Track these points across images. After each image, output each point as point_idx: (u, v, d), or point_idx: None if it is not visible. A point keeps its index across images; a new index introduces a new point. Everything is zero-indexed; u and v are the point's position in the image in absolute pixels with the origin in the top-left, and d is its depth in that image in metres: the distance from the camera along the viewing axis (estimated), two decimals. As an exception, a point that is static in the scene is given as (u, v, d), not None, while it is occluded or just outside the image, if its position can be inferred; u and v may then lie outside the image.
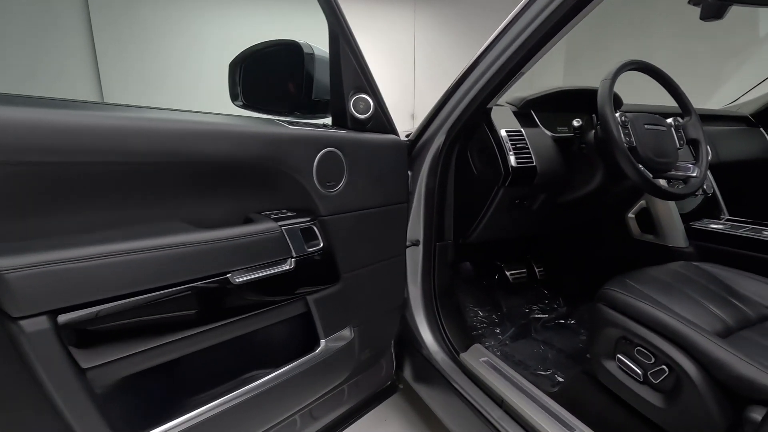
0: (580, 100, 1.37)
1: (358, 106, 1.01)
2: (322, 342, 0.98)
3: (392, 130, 1.13)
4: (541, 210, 1.35)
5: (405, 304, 1.32)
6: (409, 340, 1.32)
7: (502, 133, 1.20)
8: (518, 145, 1.19)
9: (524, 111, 1.29)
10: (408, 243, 1.32)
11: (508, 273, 1.69)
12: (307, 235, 0.91)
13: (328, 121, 1.07)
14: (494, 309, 1.64)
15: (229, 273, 0.76)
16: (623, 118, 1.08)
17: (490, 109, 1.24)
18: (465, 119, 1.18)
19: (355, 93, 1.00)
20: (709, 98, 2.44)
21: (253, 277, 0.80)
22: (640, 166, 1.05)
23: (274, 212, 0.89)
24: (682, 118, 1.22)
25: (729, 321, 1.00)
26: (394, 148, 1.11)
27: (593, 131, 1.17)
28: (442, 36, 5.05)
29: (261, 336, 0.88)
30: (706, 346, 0.86)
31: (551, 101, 1.32)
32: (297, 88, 1.01)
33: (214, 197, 0.82)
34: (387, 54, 4.92)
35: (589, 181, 1.22)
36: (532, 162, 1.18)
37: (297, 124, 0.95)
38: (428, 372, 1.32)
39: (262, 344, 0.89)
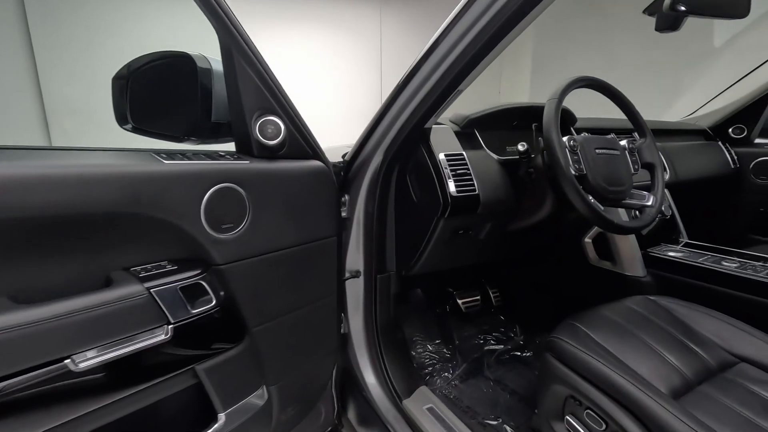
0: (528, 118, 1.26)
1: (266, 130, 0.85)
2: (221, 416, 0.82)
3: (315, 154, 0.98)
4: (489, 239, 1.23)
5: (346, 340, 1.17)
6: (352, 379, 1.18)
7: (441, 157, 1.06)
8: (459, 171, 1.06)
9: (467, 131, 1.16)
10: (347, 274, 1.17)
11: (460, 301, 1.57)
12: (193, 292, 0.74)
13: (232, 146, 0.91)
14: (445, 341, 1.51)
15: (69, 357, 0.59)
16: (572, 142, 0.97)
17: (429, 129, 1.10)
18: (402, 139, 1.04)
19: (261, 115, 0.84)
20: (668, 109, 2.40)
21: (108, 357, 0.63)
22: (590, 197, 0.94)
23: (149, 266, 0.72)
24: (636, 139, 1.12)
25: (687, 373, 0.90)
26: (316, 176, 0.96)
27: (541, 155, 1.06)
28: (409, 37, 4.93)
29: (133, 423, 0.71)
30: (656, 412, 0.74)
31: (498, 119, 1.20)
32: (193, 108, 0.85)
33: (63, 255, 0.64)
34: (353, 56, 4.77)
35: (538, 209, 1.10)
36: (474, 190, 1.05)
37: (188, 154, 0.78)
38: (371, 417, 1.18)
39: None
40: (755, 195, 1.77)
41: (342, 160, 1.22)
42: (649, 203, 1.03)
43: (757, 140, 1.82)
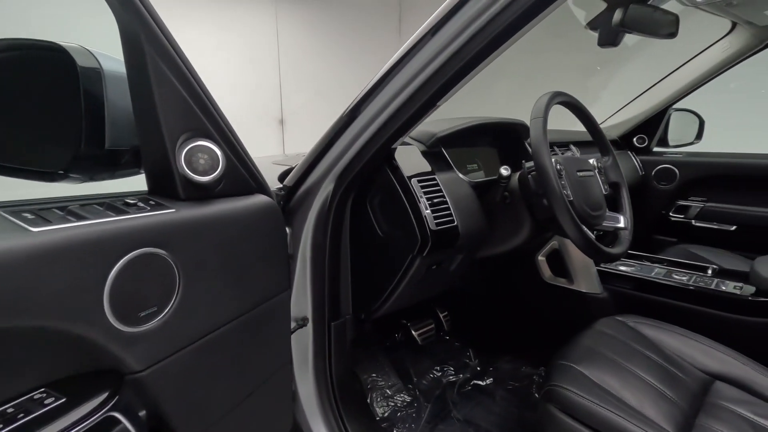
0: (486, 133, 1.16)
1: (196, 161, 0.59)
2: None
3: (260, 187, 0.74)
4: (458, 269, 1.10)
5: (293, 404, 0.94)
6: None
7: (414, 183, 0.89)
8: (435, 200, 0.90)
9: (435, 150, 1.01)
10: (293, 324, 0.94)
11: (415, 333, 1.42)
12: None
13: (142, 181, 0.62)
14: (403, 380, 1.35)
15: None
16: (558, 165, 0.87)
17: (395, 149, 0.92)
18: (362, 163, 0.85)
19: (189, 140, 0.58)
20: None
21: None
22: (584, 227, 0.85)
23: (8, 408, 0.42)
24: (600, 158, 1.08)
25: (682, 404, 0.87)
26: (264, 216, 0.73)
27: (518, 179, 0.95)
28: (307, 36, 4.65)
29: None
30: None
31: (462, 136, 1.07)
32: (73, 128, 0.55)
33: None
34: (248, 55, 4.33)
35: (515, 235, 1.00)
36: (452, 221, 0.90)
37: (72, 207, 0.49)
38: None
39: None
40: (657, 199, 1.94)
41: (282, 186, 0.99)
42: (622, 225, 1.00)
43: (655, 149, 2.00)
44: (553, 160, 0.87)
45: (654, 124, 1.95)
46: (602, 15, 1.19)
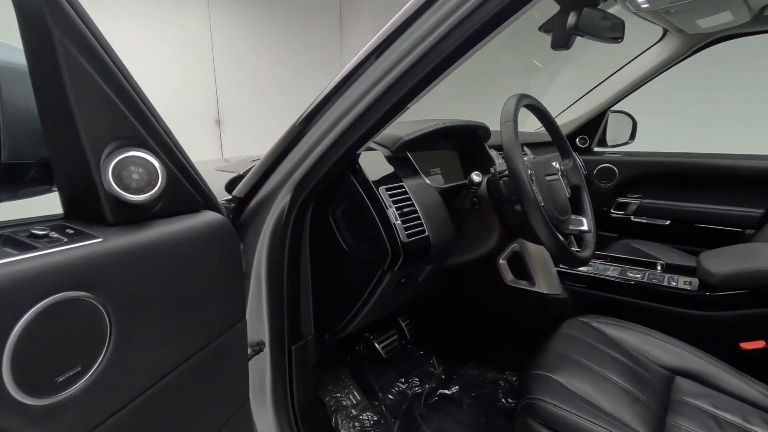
0: (447, 136, 1.12)
1: (128, 176, 0.48)
2: None
3: (208, 202, 0.64)
4: (425, 280, 1.04)
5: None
6: None
7: (382, 192, 0.82)
8: (405, 209, 0.83)
9: (400, 155, 0.95)
10: (249, 351, 0.83)
11: (378, 345, 1.35)
12: None
13: (56, 201, 0.50)
14: (368, 397, 1.27)
15: None
16: (529, 170, 0.85)
17: (359, 154, 0.85)
18: (323, 171, 0.77)
19: (117, 150, 0.47)
20: (529, 117, 2.63)
21: None
22: (556, 233, 0.83)
23: None
24: (561, 161, 1.08)
25: (652, 404, 0.88)
26: (214, 236, 0.63)
27: (486, 184, 0.92)
28: (242, 31, 4.39)
29: None
30: None
31: (426, 139, 1.02)
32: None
33: None
34: (177, 47, 4.00)
35: (484, 242, 0.97)
36: (423, 231, 0.85)
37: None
38: None
39: None
40: (599, 197, 2.04)
41: (231, 197, 0.88)
42: (585, 227, 1.00)
43: (596, 149, 2.10)
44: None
45: (594, 126, 2.04)
46: (555, 18, 1.20)
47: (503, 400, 1.27)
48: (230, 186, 1.00)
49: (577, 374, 0.89)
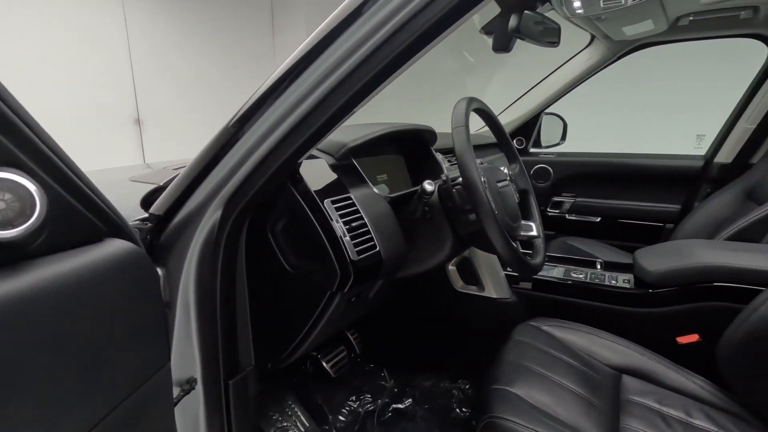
0: (392, 140, 1.06)
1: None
2: None
3: (114, 228, 0.53)
4: (376, 296, 0.98)
5: None
6: None
7: (327, 204, 0.74)
8: (353, 223, 0.76)
9: (345, 162, 0.87)
10: (177, 392, 0.71)
11: (327, 365, 1.26)
12: None
13: None
14: (318, 422, 1.18)
15: None
16: (482, 178, 0.81)
17: (300, 163, 0.76)
18: (260, 183, 0.68)
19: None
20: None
21: None
22: (512, 243, 0.81)
23: None
24: (507, 165, 1.07)
25: (605, 408, 0.88)
26: (123, 270, 0.52)
27: (438, 192, 0.87)
28: (161, 24, 4.04)
29: None
30: None
31: (371, 144, 0.95)
32: None
33: None
34: (90, 43, 3.58)
35: (437, 252, 0.92)
36: (375, 246, 0.78)
37: None
38: None
39: None
40: (536, 196, 2.10)
41: (148, 215, 0.76)
42: (535, 233, 0.99)
43: (532, 150, 2.17)
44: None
45: (530, 127, 2.10)
46: (496, 20, 1.19)
47: (457, 410, 1.25)
48: (147, 201, 0.86)
49: (534, 385, 0.88)
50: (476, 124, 2.23)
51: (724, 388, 0.93)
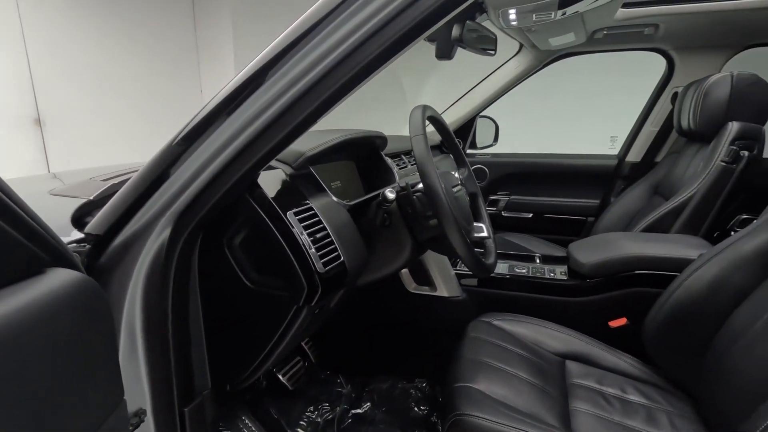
0: (344, 146, 1.06)
1: None
2: None
3: (57, 256, 0.48)
4: (336, 304, 0.96)
5: None
6: None
7: (290, 216, 0.72)
8: (318, 235, 0.74)
9: (303, 171, 0.85)
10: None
11: (283, 378, 1.22)
12: None
13: None
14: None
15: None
16: (442, 184, 0.83)
17: (258, 174, 0.73)
18: (215, 198, 0.64)
19: None
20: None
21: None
22: (472, 246, 0.84)
23: None
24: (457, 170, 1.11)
25: (555, 393, 0.95)
26: (71, 304, 0.47)
27: (401, 198, 0.88)
28: (60, 17, 3.63)
29: None
30: None
31: (327, 152, 0.94)
32: None
33: None
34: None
35: (396, 259, 0.93)
36: (339, 257, 0.77)
37: None
38: None
39: None
40: (476, 196, 2.21)
41: (84, 236, 0.69)
42: (485, 234, 1.04)
43: (468, 151, 2.27)
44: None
45: (466, 130, 2.19)
46: (440, 29, 1.23)
47: (416, 409, 1.27)
48: (79, 219, 0.78)
49: (493, 379, 0.92)
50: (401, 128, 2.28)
51: (651, 364, 1.05)
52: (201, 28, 4.12)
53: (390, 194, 0.85)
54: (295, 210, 0.73)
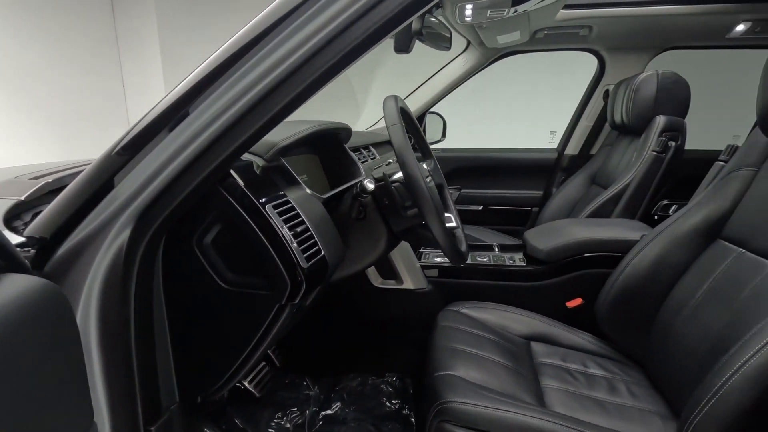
0: (308, 140, 1.02)
1: None
2: None
3: (10, 259, 0.41)
4: (312, 303, 0.93)
5: None
6: None
7: (270, 210, 0.67)
8: (298, 229, 0.71)
9: (275, 163, 0.80)
10: None
11: (249, 385, 1.15)
12: None
13: None
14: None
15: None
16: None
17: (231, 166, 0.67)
18: (184, 194, 0.59)
19: None
20: (357, 120, 2.67)
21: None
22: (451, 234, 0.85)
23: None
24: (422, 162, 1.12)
25: (527, 374, 1.00)
26: (34, 314, 0.41)
27: (379, 189, 0.87)
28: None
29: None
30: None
31: (296, 144, 0.90)
32: None
33: None
34: None
35: (371, 252, 0.92)
36: (320, 251, 0.74)
37: None
38: None
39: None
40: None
41: (26, 240, 0.60)
42: (454, 224, 1.05)
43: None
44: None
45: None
46: (399, 22, 1.23)
47: (387, 404, 1.27)
48: (10, 218, 0.69)
49: (470, 365, 0.94)
50: (366, 122, 2.26)
51: (605, 339, 1.13)
52: (122, 20, 3.79)
53: (369, 185, 0.83)
54: (274, 203, 0.68)
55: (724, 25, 1.65)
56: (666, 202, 1.81)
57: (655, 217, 1.74)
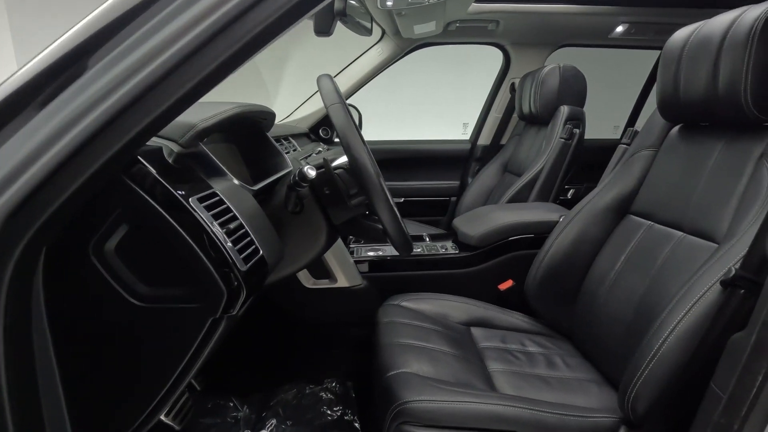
0: (230, 127, 0.90)
1: None
2: None
3: None
4: (244, 312, 0.80)
5: None
6: None
7: (195, 204, 0.55)
8: (231, 226, 0.59)
9: (193, 149, 0.66)
10: None
11: (168, 419, 0.96)
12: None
13: None
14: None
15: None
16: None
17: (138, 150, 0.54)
18: (74, 188, 0.45)
19: None
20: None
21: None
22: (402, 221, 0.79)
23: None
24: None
25: (474, 360, 0.99)
26: None
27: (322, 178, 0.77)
28: None
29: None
30: (507, 412, 0.77)
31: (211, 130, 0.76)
32: None
33: None
34: None
35: (310, 248, 0.83)
36: (258, 250, 0.63)
37: None
38: None
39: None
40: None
41: None
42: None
43: (336, 139, 2.22)
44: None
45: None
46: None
47: (328, 412, 1.18)
48: None
49: (421, 359, 0.90)
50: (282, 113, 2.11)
51: (535, 316, 1.18)
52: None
53: (311, 172, 0.73)
54: (197, 196, 0.56)
55: (607, 26, 1.84)
56: (566, 186, 1.98)
57: (559, 199, 1.89)
